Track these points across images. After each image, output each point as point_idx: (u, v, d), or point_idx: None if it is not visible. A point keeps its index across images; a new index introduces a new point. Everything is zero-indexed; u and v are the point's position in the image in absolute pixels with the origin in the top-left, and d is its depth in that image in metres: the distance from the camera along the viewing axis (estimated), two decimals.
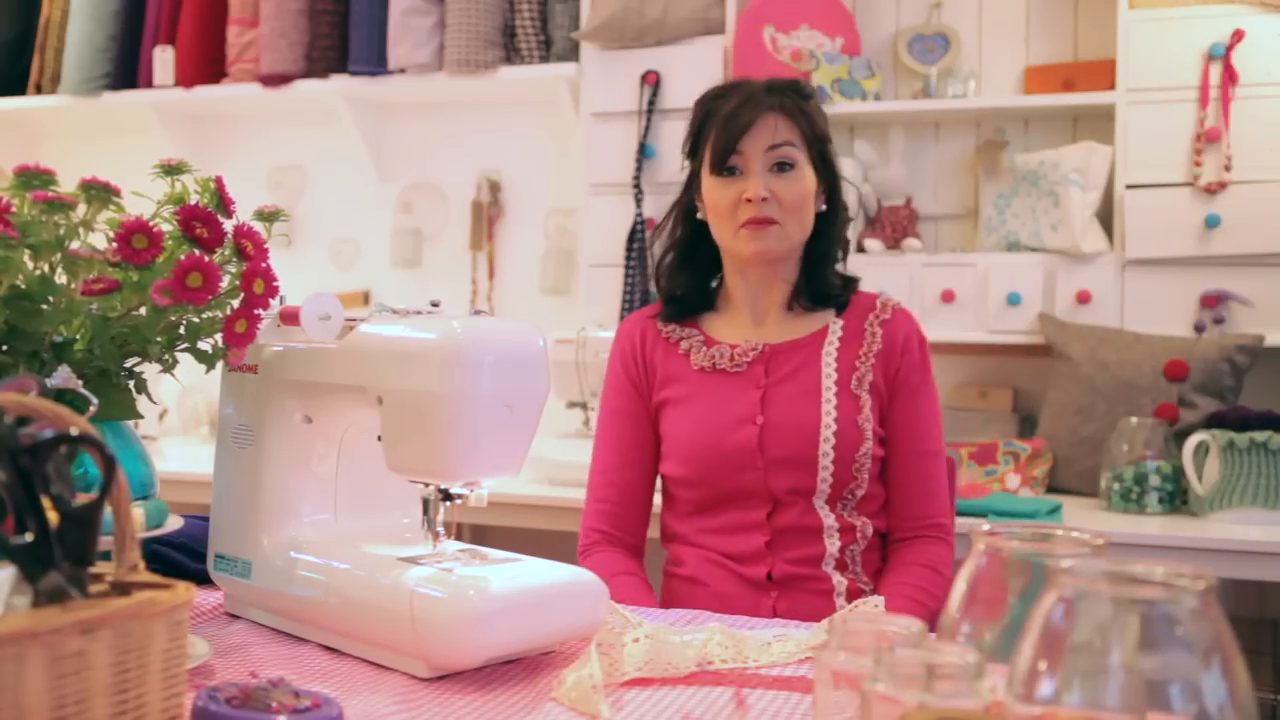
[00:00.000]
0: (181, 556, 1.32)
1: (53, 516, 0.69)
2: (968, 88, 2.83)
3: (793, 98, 1.58)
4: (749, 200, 1.53)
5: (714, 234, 1.60)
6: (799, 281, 1.63)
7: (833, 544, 1.53)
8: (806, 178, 1.57)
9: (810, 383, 1.56)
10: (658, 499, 1.67)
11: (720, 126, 1.56)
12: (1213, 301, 2.52)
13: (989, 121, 2.89)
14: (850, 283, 1.66)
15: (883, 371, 1.58)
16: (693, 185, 1.65)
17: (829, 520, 1.53)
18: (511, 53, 3.10)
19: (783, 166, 1.55)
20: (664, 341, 1.65)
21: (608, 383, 1.68)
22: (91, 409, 0.98)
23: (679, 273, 1.67)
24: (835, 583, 1.51)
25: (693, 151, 1.64)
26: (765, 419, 1.54)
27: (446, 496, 1.09)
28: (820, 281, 1.62)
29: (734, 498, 1.54)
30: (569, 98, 3.05)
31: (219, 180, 1.10)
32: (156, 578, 0.73)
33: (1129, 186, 2.59)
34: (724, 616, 1.23)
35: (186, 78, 3.34)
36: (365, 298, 3.43)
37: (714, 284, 1.68)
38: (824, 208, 1.62)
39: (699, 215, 1.63)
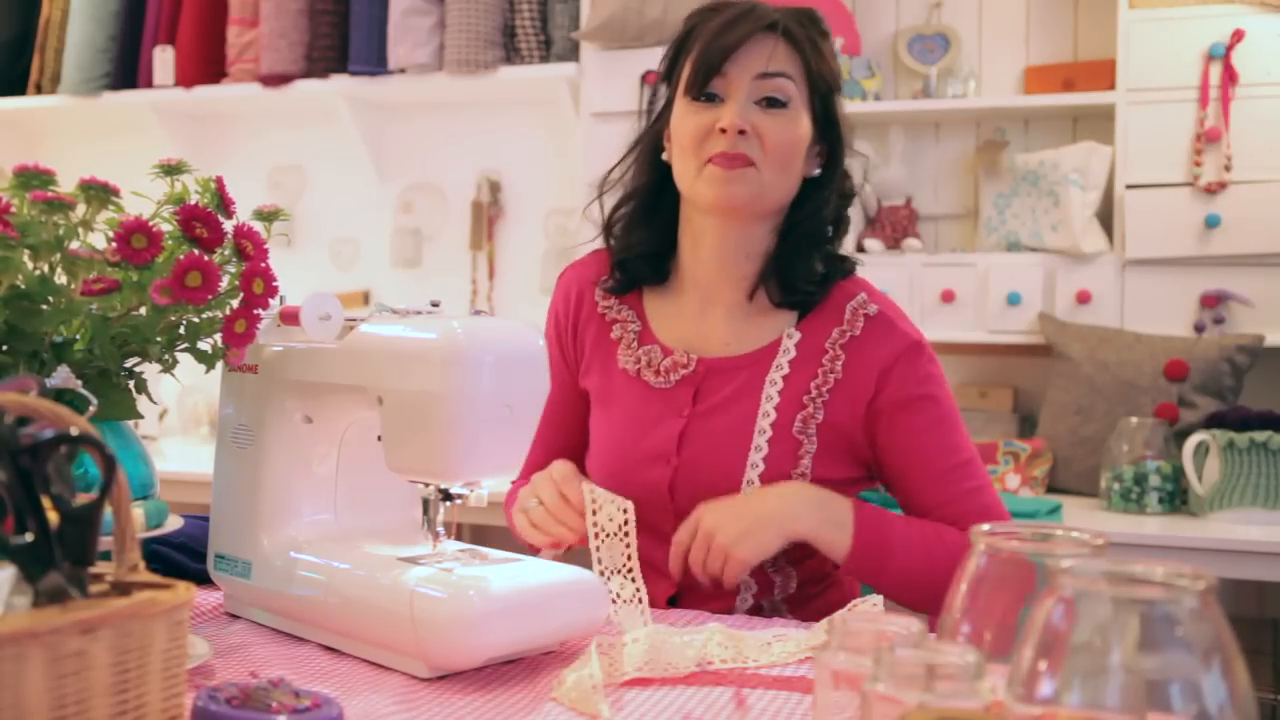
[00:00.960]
0: (181, 556, 1.32)
1: (53, 516, 0.69)
2: (968, 88, 2.83)
3: (805, 26, 1.30)
4: (723, 131, 1.25)
5: (675, 176, 1.32)
6: (768, 262, 1.33)
7: (744, 603, 1.32)
8: (799, 123, 1.28)
9: (743, 419, 1.30)
10: None
11: (704, 41, 1.29)
12: (1213, 301, 2.52)
13: (989, 121, 2.89)
14: (836, 272, 1.34)
15: (846, 408, 1.29)
16: (664, 115, 1.36)
17: (743, 576, 1.25)
18: (511, 53, 3.10)
19: (772, 102, 1.27)
20: (599, 318, 1.40)
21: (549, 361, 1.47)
22: (91, 409, 0.98)
23: (636, 228, 1.38)
24: None
25: (669, 74, 1.36)
26: (680, 460, 1.30)
27: (446, 496, 1.09)
28: (793, 265, 1.32)
29: (642, 532, 1.24)
30: (569, 98, 3.05)
31: (219, 180, 1.09)
32: (156, 578, 0.73)
33: (1129, 186, 2.60)
34: (724, 617, 1.22)
35: (186, 78, 3.34)
36: (365, 298, 3.43)
37: (668, 250, 1.39)
38: (817, 172, 1.34)
39: (665, 156, 1.35)
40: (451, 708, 0.92)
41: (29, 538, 0.68)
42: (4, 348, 1.01)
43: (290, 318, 1.13)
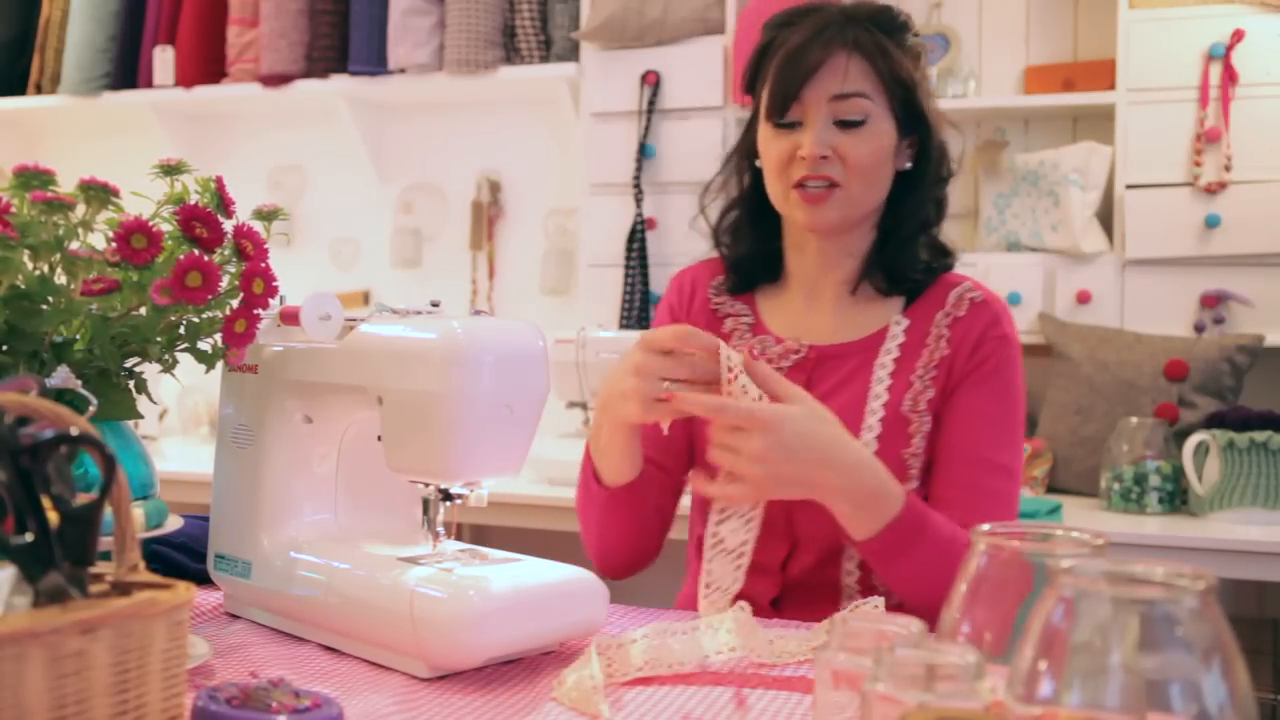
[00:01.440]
0: (181, 556, 1.32)
1: (53, 516, 0.69)
2: (968, 88, 2.83)
3: (873, 33, 1.30)
4: (803, 158, 1.28)
5: (768, 192, 1.35)
6: (871, 255, 1.36)
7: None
8: (880, 134, 1.29)
9: (855, 401, 1.30)
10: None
11: (780, 66, 1.30)
12: (1213, 301, 2.52)
13: (989, 121, 2.89)
14: (943, 257, 1.37)
15: (945, 383, 1.30)
16: (754, 127, 1.38)
17: (850, 579, 1.29)
18: (511, 53, 3.10)
19: (849, 122, 1.28)
20: (710, 312, 1.43)
21: None
22: (91, 409, 0.98)
23: (744, 233, 1.41)
24: None
25: (751, 85, 1.38)
26: None
27: (446, 496, 1.09)
28: (897, 256, 1.34)
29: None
30: (569, 98, 3.06)
31: (219, 180, 1.10)
32: (156, 578, 0.73)
33: (1129, 186, 2.60)
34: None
35: (186, 78, 3.34)
36: (365, 298, 3.43)
37: (779, 247, 1.42)
38: (909, 165, 1.34)
39: (759, 162, 1.38)
40: (451, 708, 0.92)
41: (29, 538, 0.68)
42: (4, 348, 1.01)
43: (290, 318, 1.13)
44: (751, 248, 1.41)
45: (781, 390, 1.13)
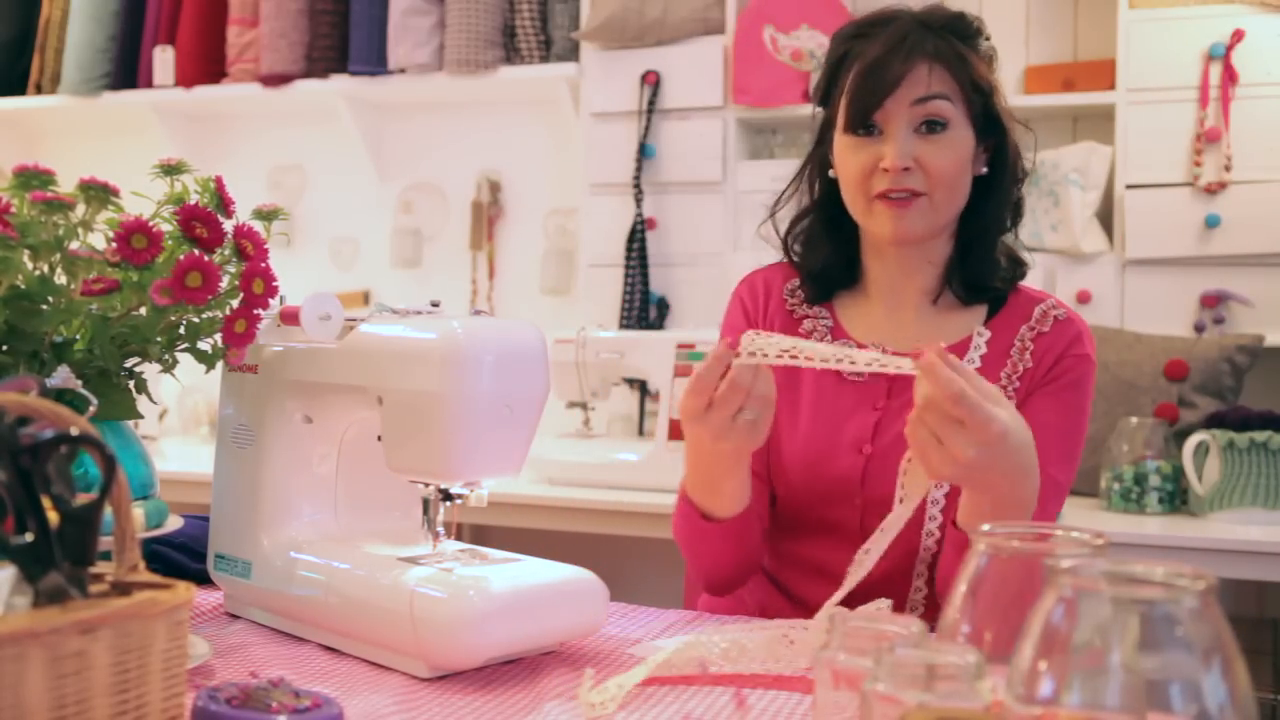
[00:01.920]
0: (181, 556, 1.32)
1: (53, 516, 0.69)
2: None
3: (950, 40, 1.29)
4: (885, 170, 1.26)
5: (846, 204, 1.33)
6: (951, 263, 1.35)
7: (916, 610, 1.29)
8: (961, 141, 1.28)
9: None
10: None
11: (860, 77, 1.27)
12: (1213, 301, 2.52)
13: None
14: (1019, 267, 1.36)
15: (1026, 393, 1.29)
16: (826, 137, 1.36)
17: (918, 595, 1.27)
18: (511, 53, 3.10)
19: (932, 126, 1.26)
20: (786, 314, 1.40)
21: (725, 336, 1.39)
22: (91, 409, 0.98)
23: (819, 242, 1.39)
24: None
25: (824, 99, 1.37)
26: (874, 448, 1.29)
27: (446, 496, 1.09)
28: (979, 263, 1.33)
29: (821, 531, 1.31)
30: (569, 98, 3.06)
31: (219, 180, 1.10)
32: (156, 578, 0.73)
33: (1129, 186, 2.60)
34: (721, 617, 1.22)
35: (186, 78, 3.34)
36: (365, 298, 3.43)
37: (856, 255, 1.40)
38: (985, 170, 1.33)
39: (832, 172, 1.35)
40: (451, 708, 0.92)
41: (29, 538, 0.68)
42: (4, 348, 1.01)
43: (290, 318, 1.13)
44: (828, 257, 1.39)
45: (984, 389, 1.02)
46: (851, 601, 1.11)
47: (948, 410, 0.99)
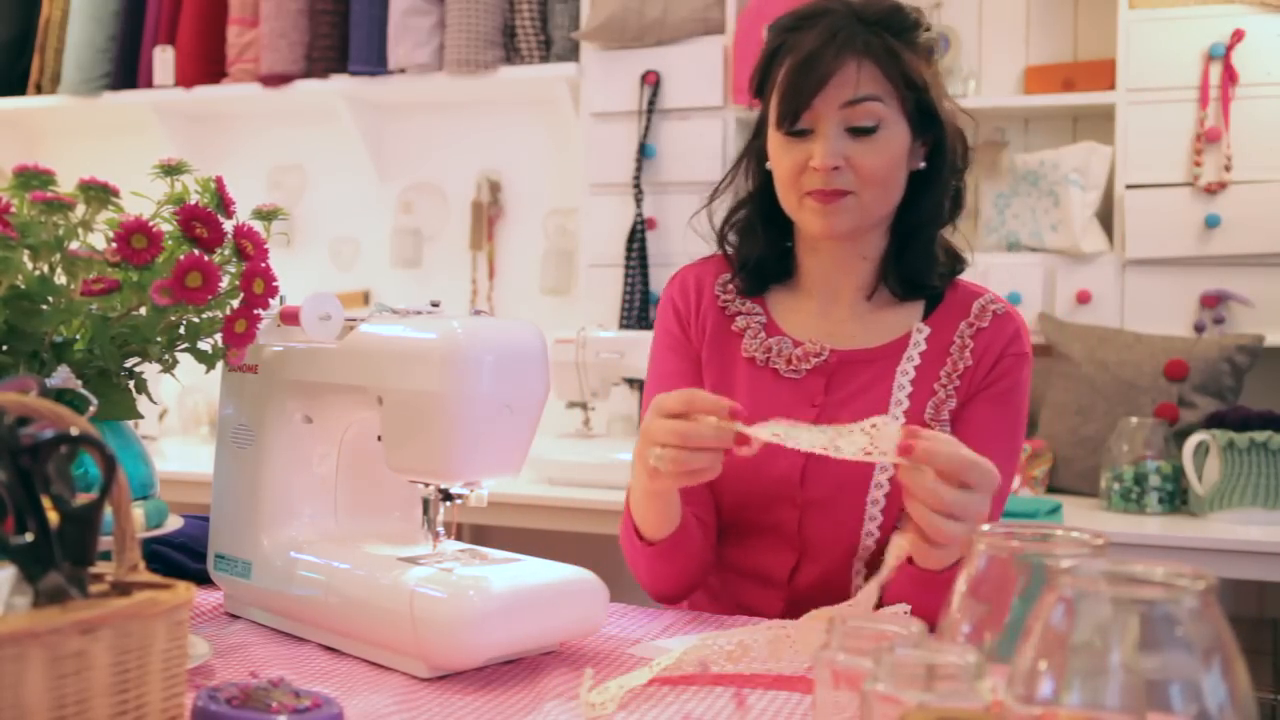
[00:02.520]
0: (181, 556, 1.32)
1: (53, 516, 0.69)
2: (968, 88, 2.83)
3: (883, 36, 1.26)
4: (815, 169, 1.25)
5: (779, 198, 1.32)
6: (886, 258, 1.34)
7: None
8: (893, 140, 1.26)
9: (876, 407, 1.27)
10: None
11: (790, 75, 1.26)
12: (1213, 301, 2.52)
13: (989, 121, 2.89)
14: (957, 262, 1.35)
15: (966, 393, 1.29)
16: (763, 129, 1.35)
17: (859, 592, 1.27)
18: (511, 53, 3.10)
19: (862, 129, 1.25)
20: (718, 310, 1.39)
21: (658, 342, 1.42)
22: (91, 409, 0.98)
23: (754, 233, 1.38)
24: None
25: (760, 89, 1.35)
26: None
27: (446, 496, 1.09)
28: (914, 258, 1.32)
29: (759, 534, 1.30)
30: (569, 98, 3.06)
31: (219, 180, 1.10)
32: (156, 578, 0.73)
33: (1129, 186, 2.60)
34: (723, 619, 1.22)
35: (186, 78, 3.34)
36: (365, 298, 3.43)
37: (790, 247, 1.40)
38: (922, 165, 1.31)
39: (769, 164, 1.34)
40: (451, 708, 0.92)
41: (29, 538, 0.68)
42: (4, 348, 1.01)
43: (290, 318, 1.13)
44: (763, 249, 1.38)
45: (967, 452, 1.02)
46: (806, 607, 1.12)
47: (963, 480, 0.99)
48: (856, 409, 1.26)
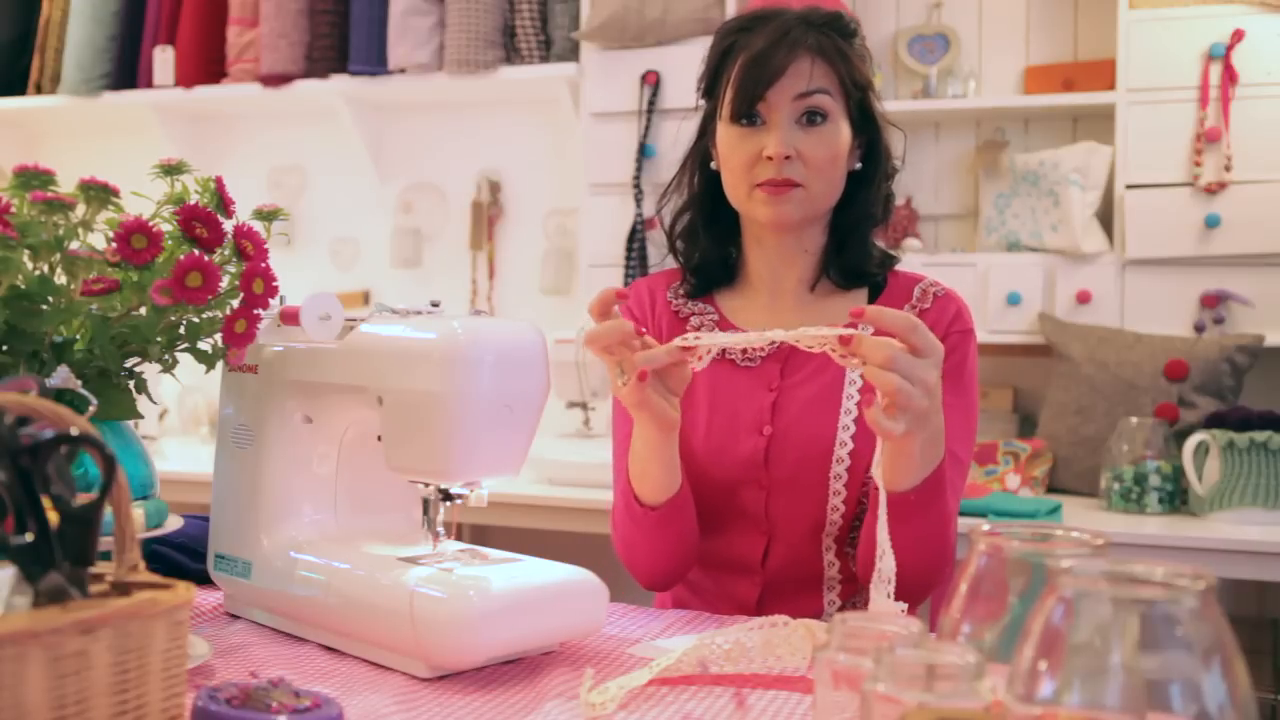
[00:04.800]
0: (181, 556, 1.32)
1: (53, 516, 0.69)
2: (968, 88, 2.83)
3: (831, 37, 1.33)
4: (768, 158, 1.30)
5: (726, 191, 1.37)
6: (826, 253, 1.40)
7: (831, 601, 1.32)
8: (840, 133, 1.32)
9: (833, 384, 1.32)
10: None
11: (745, 68, 1.31)
12: (1213, 301, 2.52)
13: (989, 121, 2.89)
14: (888, 259, 1.42)
15: None
16: (708, 130, 1.41)
17: (831, 569, 1.31)
18: (511, 53, 3.10)
19: (812, 117, 1.31)
20: (671, 314, 1.43)
21: None
22: (91, 409, 0.98)
23: (700, 236, 1.43)
24: None
25: (709, 90, 1.40)
26: (774, 429, 1.32)
27: (446, 496, 1.09)
28: (852, 252, 1.38)
29: (728, 521, 1.34)
30: (569, 98, 3.06)
31: (219, 180, 1.10)
32: (156, 578, 0.73)
33: (1129, 186, 2.60)
34: (722, 617, 1.22)
35: (186, 78, 3.34)
36: (365, 298, 3.43)
37: (734, 251, 1.45)
38: (858, 165, 1.38)
39: (714, 165, 1.39)
40: (451, 708, 0.92)
41: (29, 538, 0.68)
42: (4, 348, 1.01)
43: (290, 318, 1.13)
44: (708, 251, 1.43)
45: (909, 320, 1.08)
46: (780, 590, 1.20)
47: (910, 341, 1.06)
48: (814, 387, 1.33)
